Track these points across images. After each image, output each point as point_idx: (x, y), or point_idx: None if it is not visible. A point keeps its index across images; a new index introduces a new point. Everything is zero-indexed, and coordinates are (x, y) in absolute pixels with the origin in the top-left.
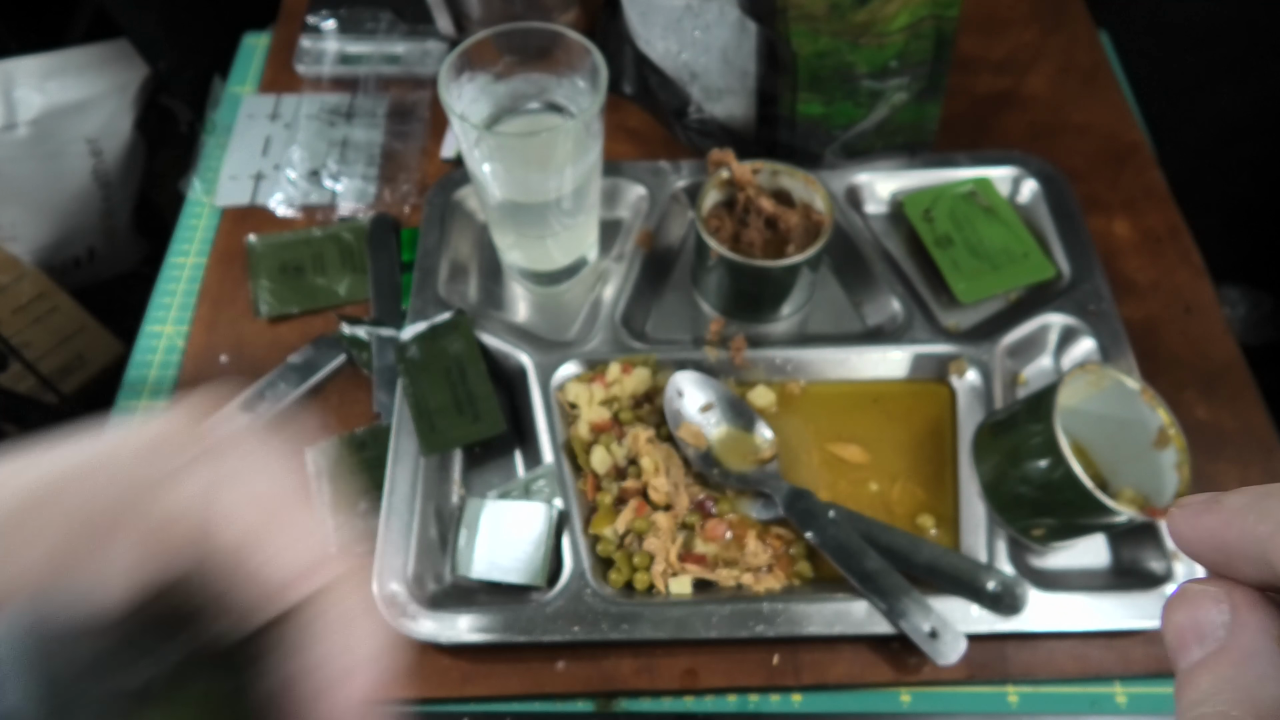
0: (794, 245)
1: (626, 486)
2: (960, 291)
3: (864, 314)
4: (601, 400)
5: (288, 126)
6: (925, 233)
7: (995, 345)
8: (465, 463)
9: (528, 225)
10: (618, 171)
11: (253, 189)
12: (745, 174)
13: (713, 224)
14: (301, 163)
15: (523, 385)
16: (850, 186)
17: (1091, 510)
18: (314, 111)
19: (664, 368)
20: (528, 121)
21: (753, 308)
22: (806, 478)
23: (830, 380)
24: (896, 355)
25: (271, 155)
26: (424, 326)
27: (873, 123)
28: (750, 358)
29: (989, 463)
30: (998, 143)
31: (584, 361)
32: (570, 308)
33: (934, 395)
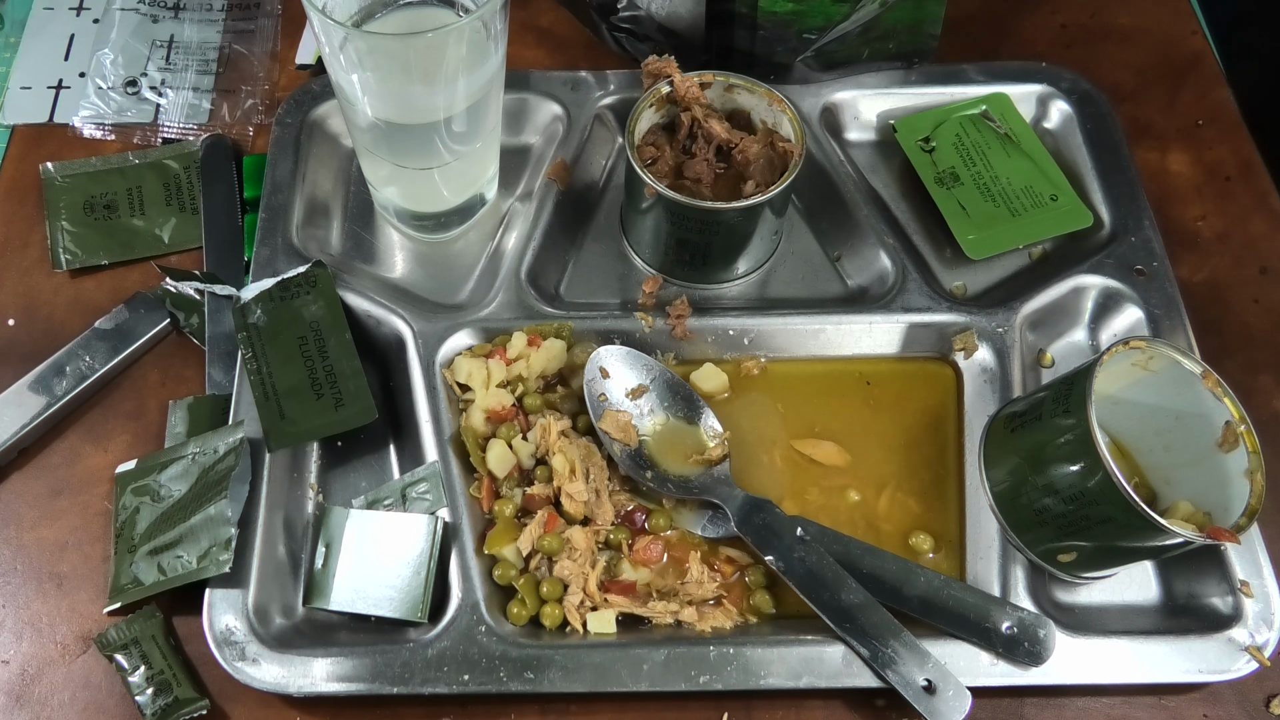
0: (753, 182)
1: (533, 493)
2: (969, 244)
3: (844, 272)
4: (502, 381)
5: (97, 21)
6: (924, 167)
7: (1013, 314)
8: (324, 461)
9: (408, 153)
10: (525, 84)
11: (51, 103)
12: (691, 89)
13: (648, 153)
14: (115, 69)
15: (400, 360)
16: (827, 106)
17: (1136, 530)
18: (131, 2)
19: (583, 340)
20: (409, 17)
21: (699, 263)
22: (767, 484)
23: (799, 358)
24: (885, 326)
25: (76, 59)
26: (272, 283)
27: (857, 23)
28: (695, 328)
29: (1004, 467)
30: (1019, 51)
31: (479, 330)
32: (462, 261)
33: (934, 378)
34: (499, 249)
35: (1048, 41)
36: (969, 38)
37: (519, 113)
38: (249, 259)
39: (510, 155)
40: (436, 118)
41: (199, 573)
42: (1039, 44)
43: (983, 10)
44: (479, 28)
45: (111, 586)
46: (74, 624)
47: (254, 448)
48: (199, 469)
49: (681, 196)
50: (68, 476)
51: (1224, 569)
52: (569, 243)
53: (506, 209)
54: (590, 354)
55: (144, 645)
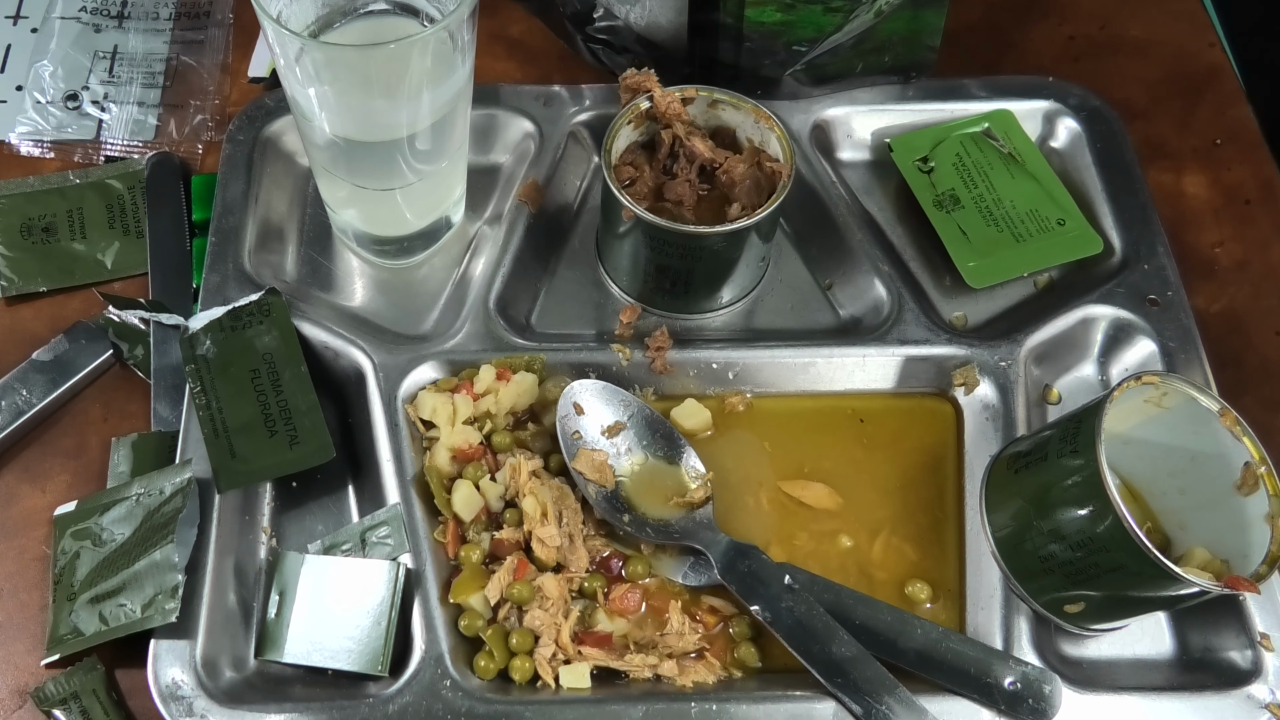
0: (739, 204)
1: (502, 538)
2: (970, 272)
3: (836, 301)
4: (468, 418)
5: (35, 31)
6: (922, 189)
7: (1017, 347)
8: (277, 502)
9: (369, 173)
10: (495, 100)
11: None
12: (672, 104)
13: (626, 174)
14: (54, 82)
15: (359, 395)
16: (818, 124)
17: (1149, 579)
18: (72, 10)
19: (556, 373)
20: (369, 27)
21: (680, 291)
22: (753, 528)
23: (788, 393)
24: (880, 359)
25: (12, 71)
26: (222, 312)
27: (850, 35)
28: (676, 361)
29: (1007, 510)
30: (1024, 65)
31: (445, 363)
32: (426, 288)
33: (932, 415)
34: (466, 276)
35: (1055, 54)
36: (970, 50)
37: (488, 130)
38: (198, 286)
39: (478, 175)
40: (399, 135)
41: (143, 622)
42: (1045, 57)
43: (985, 21)
44: (445, 38)
45: (49, 637)
46: (9, 677)
47: (202, 488)
48: (144, 511)
49: (662, 220)
50: (2, 519)
51: (1242, 621)
52: (541, 269)
53: (474, 233)
54: (563, 389)
55: (84, 700)
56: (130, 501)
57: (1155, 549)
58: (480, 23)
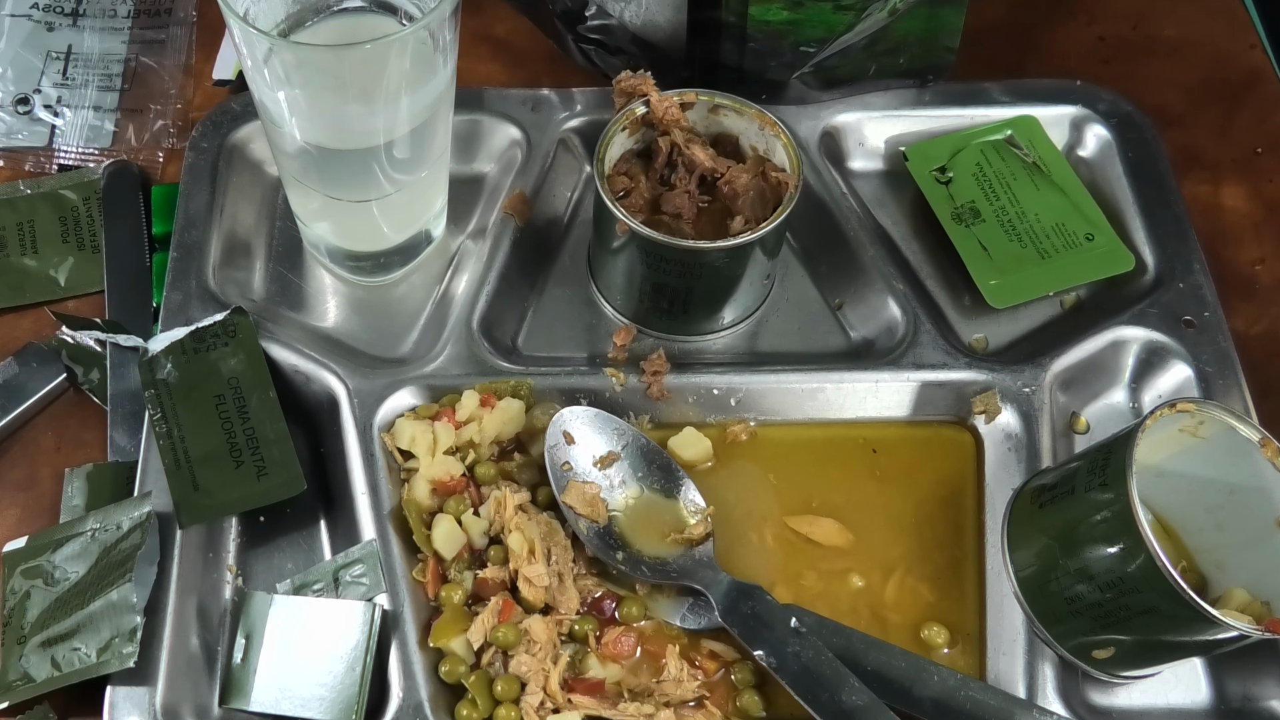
0: (742, 217)
1: (486, 577)
2: (991, 291)
3: (846, 322)
4: (450, 447)
5: None
6: (939, 201)
7: (1042, 372)
8: (244, 539)
9: (343, 183)
10: (479, 104)
11: None
12: (670, 110)
13: (620, 184)
14: (3, 85)
15: (332, 423)
16: (828, 130)
17: (1184, 622)
18: (22, 7)
19: (544, 400)
20: (344, 26)
21: (679, 311)
22: (757, 567)
23: (794, 421)
24: (894, 385)
25: None
26: (184, 333)
27: (862, 35)
28: (674, 386)
29: (1031, 548)
30: (1050, 67)
31: (424, 389)
32: (405, 308)
33: (950, 445)
34: (447, 294)
35: (1083, 56)
36: (991, 52)
37: (471, 137)
38: (158, 305)
39: (460, 186)
40: (375, 142)
41: (99, 667)
42: (1073, 59)
43: (1007, 20)
44: (425, 38)
45: None
46: None
47: (163, 523)
48: (99, 548)
49: (659, 234)
50: None
51: None
52: (528, 287)
53: (456, 248)
54: (552, 416)
55: None
56: (85, 537)
57: (1191, 590)
58: (463, 21)
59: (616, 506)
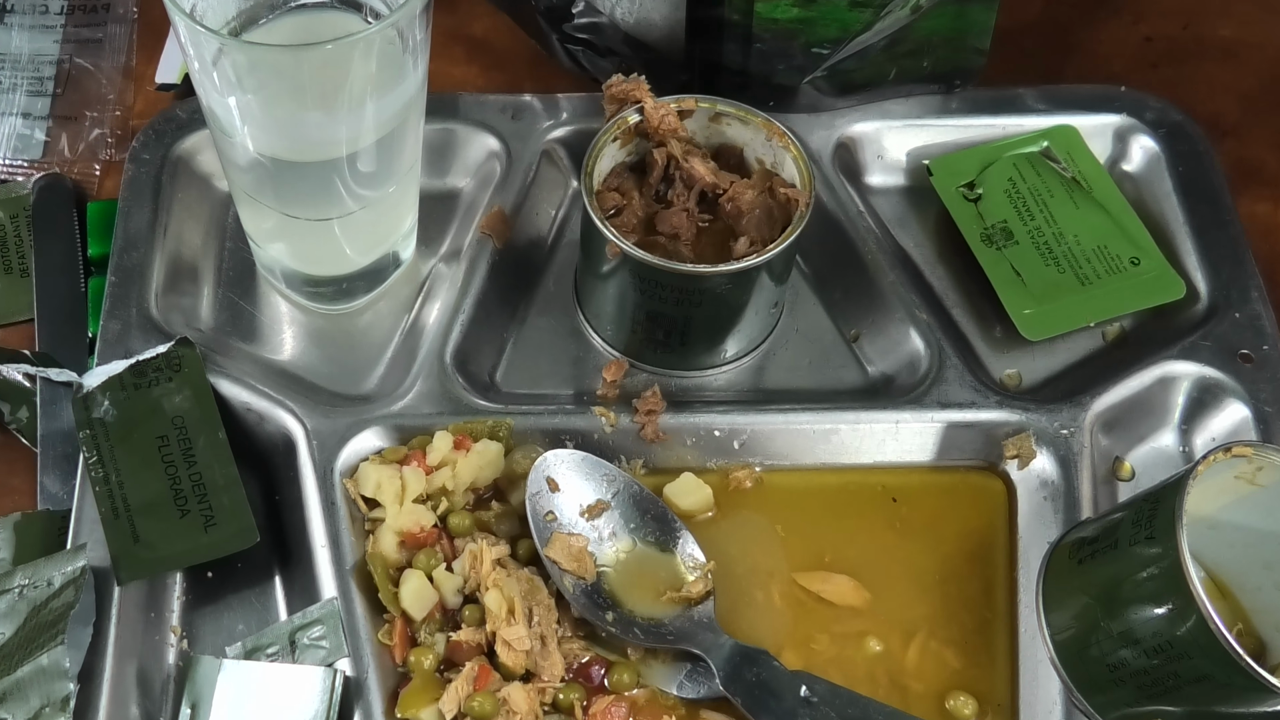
0: (746, 238)
1: (460, 640)
2: (1025, 321)
3: (863, 356)
4: (420, 495)
5: None
6: (967, 221)
7: (1082, 412)
8: (190, 596)
9: (301, 200)
10: (453, 111)
11: None
12: (667, 118)
13: (611, 201)
14: None
15: (288, 467)
16: (843, 142)
17: (1240, 691)
18: None
19: (526, 442)
20: (302, 24)
21: (676, 343)
22: (763, 629)
23: (805, 466)
24: (917, 426)
25: None
26: (124, 367)
27: (882, 35)
28: (671, 427)
29: (1070, 609)
30: (1092, 71)
31: (391, 429)
32: (370, 339)
33: (978, 494)
34: (417, 324)
35: (1128, 59)
36: (1026, 54)
37: (444, 148)
38: (94, 335)
39: (433, 203)
40: (337, 154)
41: None
42: (1116, 62)
43: (1044, 19)
44: (393, 37)
45: None
46: None
47: (99, 579)
48: (28, 606)
49: (654, 257)
50: None
51: None
52: (508, 316)
53: (427, 273)
54: (535, 460)
55: None
56: (12, 595)
57: (1248, 655)
58: (436, 18)
59: (606, 561)
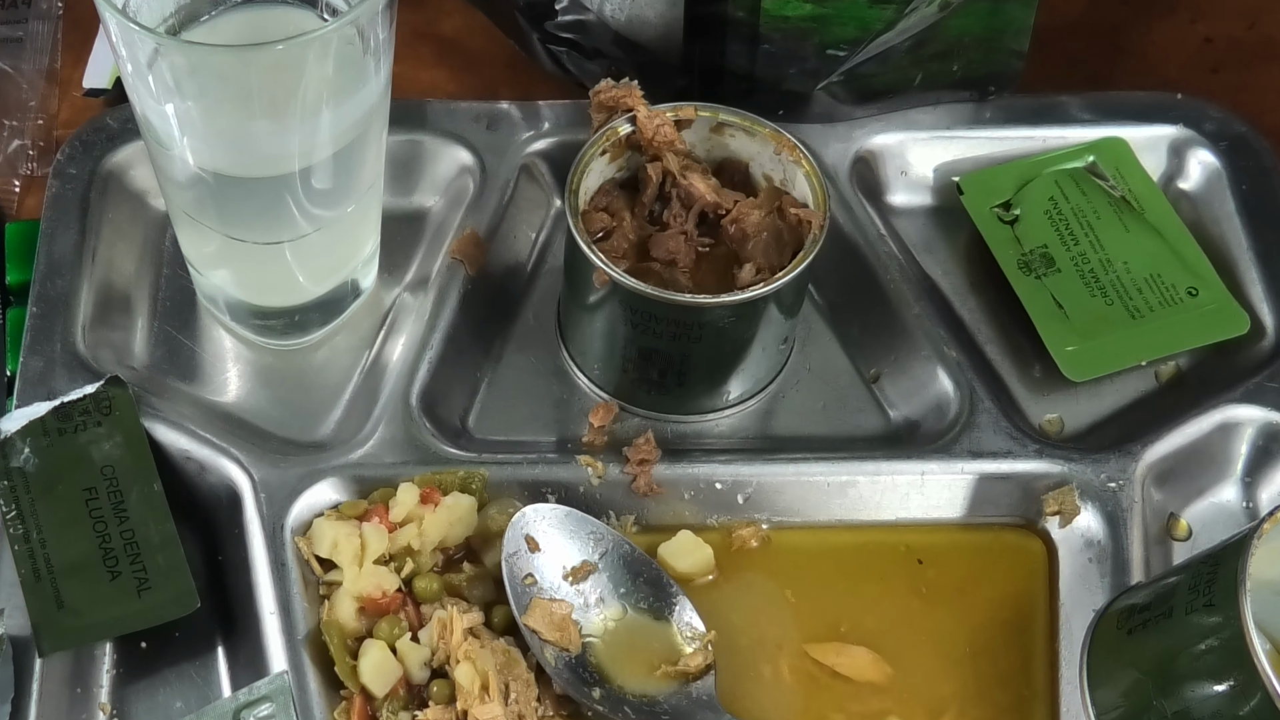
0: (752, 265)
1: (427, 718)
2: (1068, 360)
3: (884, 398)
4: (382, 555)
5: None
6: (1002, 245)
7: (1132, 462)
8: (121, 669)
9: (248, 221)
10: (420, 121)
11: None
12: (662, 129)
13: (599, 223)
14: None
15: (233, 524)
16: (862, 156)
17: None
18: None
19: (502, 495)
20: (249, 22)
21: (673, 384)
22: (771, 707)
23: (818, 524)
24: (945, 478)
25: None
26: (46, 409)
27: (906, 35)
28: (667, 478)
29: (1118, 685)
30: (1143, 76)
31: (350, 481)
32: (325, 378)
33: (1015, 555)
34: (379, 361)
35: (1185, 62)
36: (1070, 57)
37: (410, 162)
38: (13, 374)
39: (397, 224)
40: (289, 168)
41: None
42: (1172, 66)
43: (1089, 18)
44: (352, 37)
45: None
46: None
47: (18, 649)
48: None
49: (647, 286)
50: None
51: None
52: (482, 353)
53: (391, 303)
54: (512, 517)
55: None
56: None
57: None
58: (401, 16)
59: (593, 631)
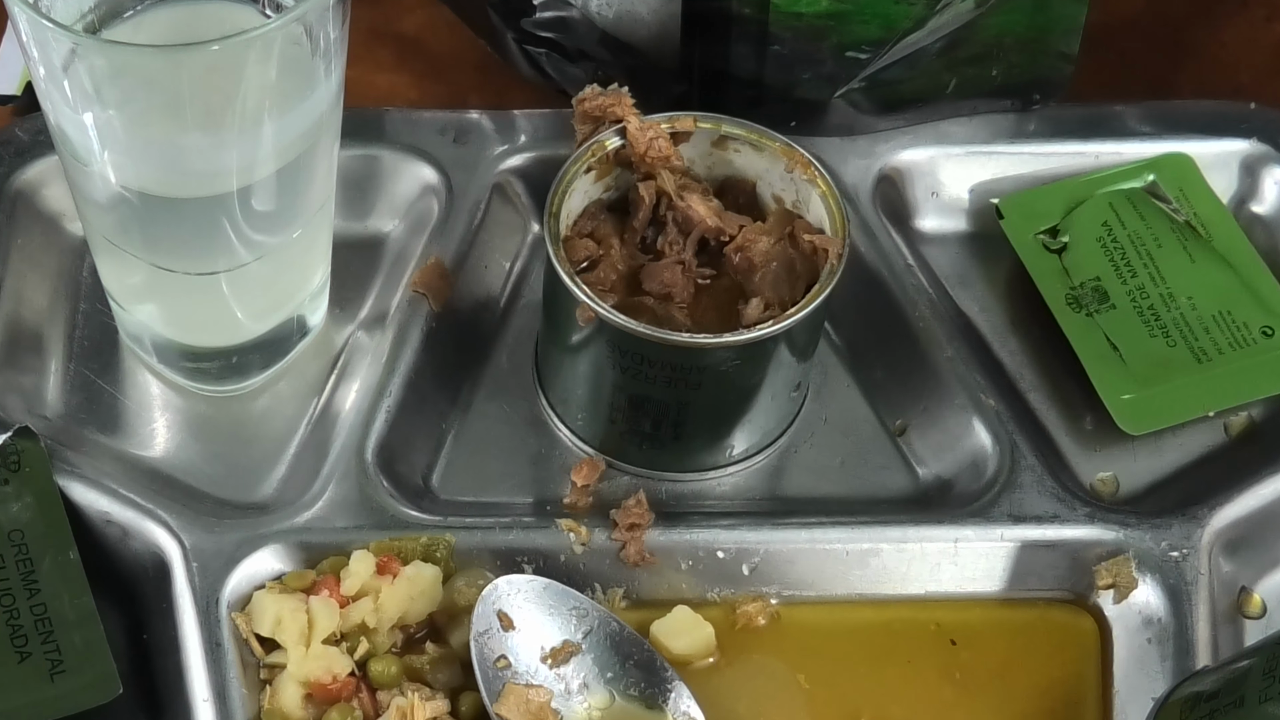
0: (760, 300)
1: None
2: (1124, 409)
3: (911, 454)
4: (333, 634)
5: None
6: (1048, 277)
7: (1198, 528)
8: None
9: (179, 248)
10: (377, 133)
11: None
12: (657, 143)
13: (584, 250)
14: None
15: (160, 597)
16: (887, 174)
17: None
18: None
19: (471, 564)
20: (182, 19)
21: (668, 437)
22: None
23: (835, 599)
24: (982, 546)
25: None
26: None
27: (937, 35)
28: (661, 546)
29: None
30: (1212, 83)
31: (295, 548)
32: (267, 430)
33: (1063, 635)
34: (330, 410)
35: (1259, 66)
36: (1126, 59)
37: (365, 180)
38: None
39: (350, 252)
40: (226, 188)
41: None
42: (1244, 71)
43: (1149, 14)
44: (298, 36)
45: None
46: None
47: None
48: None
49: (639, 325)
50: None
51: None
52: (447, 401)
53: (343, 343)
54: (483, 590)
55: None
56: None
57: None
58: (356, 12)
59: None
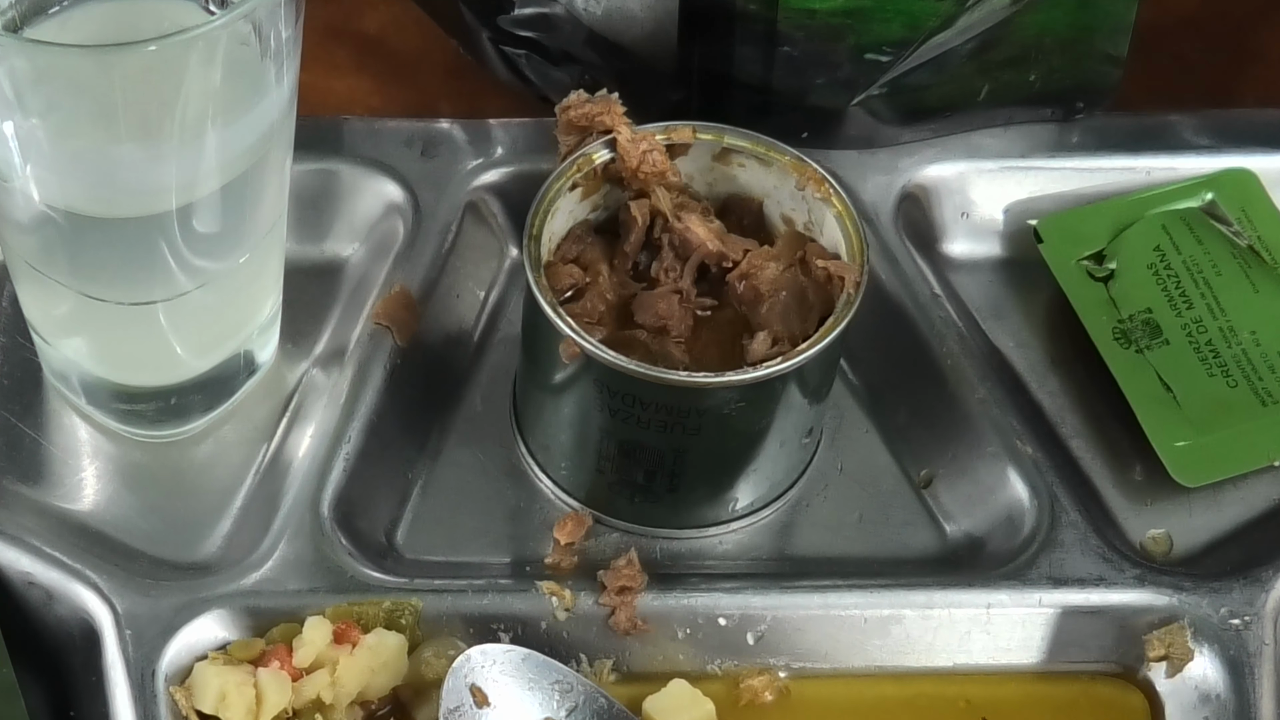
0: (767, 334)
1: None
2: (1177, 458)
3: (938, 508)
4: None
5: None
6: (1093, 309)
7: (1261, 592)
8: None
9: (110, 274)
10: (335, 145)
11: None
12: (650, 156)
13: (569, 277)
14: None
15: (89, 668)
16: (911, 192)
17: None
18: None
19: (440, 632)
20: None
21: (663, 488)
22: None
23: (852, 671)
24: (1017, 612)
25: None
26: None
27: (969, 35)
28: (655, 612)
29: None
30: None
31: (241, 613)
32: (211, 480)
33: (1109, 711)
34: (281, 458)
35: None
36: (1180, 64)
37: (322, 198)
38: None
39: (305, 279)
40: (164, 206)
41: None
42: None
43: (1207, 12)
44: (246, 35)
45: None
46: None
47: None
48: None
49: (631, 361)
50: None
51: None
52: (414, 448)
53: (296, 382)
54: (454, 661)
55: None
56: None
57: None
58: (311, 9)
59: None
